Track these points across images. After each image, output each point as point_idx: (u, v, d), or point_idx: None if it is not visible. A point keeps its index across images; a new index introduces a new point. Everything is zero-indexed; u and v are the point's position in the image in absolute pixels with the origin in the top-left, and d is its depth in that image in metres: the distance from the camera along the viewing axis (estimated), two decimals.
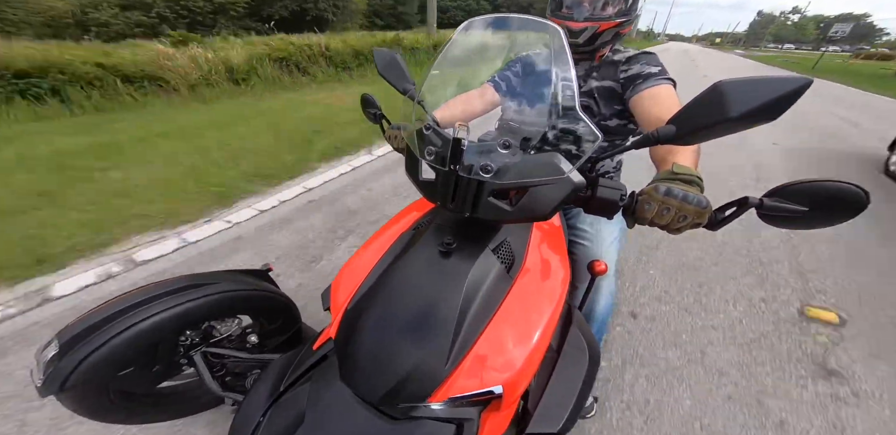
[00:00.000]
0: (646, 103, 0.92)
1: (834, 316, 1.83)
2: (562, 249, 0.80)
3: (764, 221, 0.55)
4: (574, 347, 0.74)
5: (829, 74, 15.70)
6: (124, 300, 0.80)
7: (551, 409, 0.64)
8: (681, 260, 2.23)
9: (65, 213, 2.41)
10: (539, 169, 0.55)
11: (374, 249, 0.76)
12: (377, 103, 0.95)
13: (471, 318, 0.58)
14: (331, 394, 0.58)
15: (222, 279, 0.94)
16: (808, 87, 0.41)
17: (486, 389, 0.54)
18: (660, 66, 0.98)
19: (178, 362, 0.94)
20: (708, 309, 1.85)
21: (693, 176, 0.59)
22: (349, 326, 0.62)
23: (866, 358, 1.59)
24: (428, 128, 0.62)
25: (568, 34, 0.96)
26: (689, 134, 0.49)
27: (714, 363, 1.54)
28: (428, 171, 0.63)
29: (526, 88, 0.94)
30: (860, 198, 0.47)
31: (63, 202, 2.55)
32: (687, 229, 0.57)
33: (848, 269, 2.22)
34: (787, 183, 0.51)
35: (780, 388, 1.44)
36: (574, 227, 1.11)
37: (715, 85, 0.45)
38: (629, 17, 0.96)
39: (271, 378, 0.67)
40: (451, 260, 0.63)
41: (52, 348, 0.73)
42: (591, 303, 0.98)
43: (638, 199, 0.59)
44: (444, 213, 0.75)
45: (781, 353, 1.61)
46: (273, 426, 0.57)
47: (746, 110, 0.43)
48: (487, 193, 0.56)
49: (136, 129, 4.16)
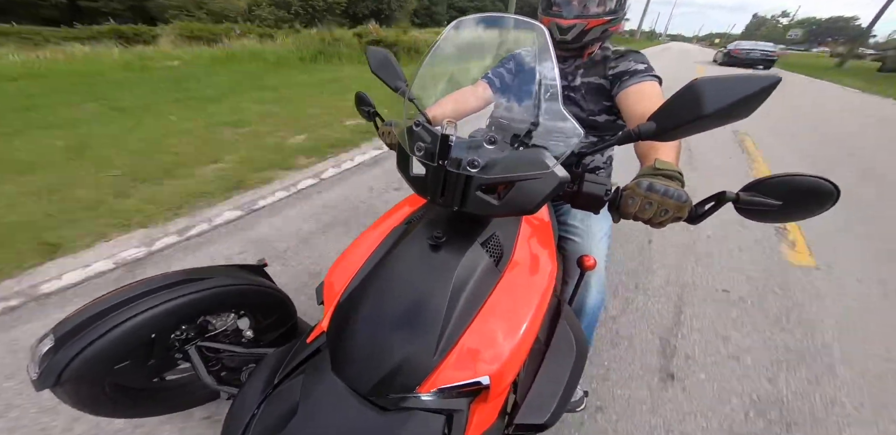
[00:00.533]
0: (631, 99, 0.94)
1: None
2: (550, 243, 0.82)
3: (741, 214, 0.57)
4: (562, 340, 0.75)
5: (788, 67, 19.29)
6: (121, 294, 0.81)
7: (539, 400, 0.65)
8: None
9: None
10: (524, 164, 0.56)
11: (366, 244, 0.77)
12: (371, 101, 0.96)
13: (459, 310, 0.59)
14: (323, 386, 0.60)
15: (218, 274, 0.95)
16: (777, 85, 0.43)
17: (473, 379, 0.56)
18: (646, 63, 1.01)
19: (173, 357, 0.95)
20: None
21: (674, 171, 0.61)
22: (341, 319, 0.63)
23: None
24: (418, 124, 0.63)
25: (557, 32, 0.98)
26: (669, 130, 0.51)
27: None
28: (419, 167, 0.65)
29: (515, 85, 0.96)
30: (831, 192, 0.49)
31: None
32: (668, 223, 0.59)
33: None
34: (762, 178, 0.53)
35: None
36: (564, 223, 1.13)
37: (691, 83, 0.47)
38: (617, 15, 0.97)
39: (266, 371, 0.68)
40: (440, 253, 0.64)
41: (47, 342, 0.74)
42: (580, 298, 1.00)
43: (622, 195, 0.61)
44: (434, 208, 0.77)
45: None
46: (267, 418, 0.59)
47: (720, 107, 0.45)
48: (475, 188, 0.57)
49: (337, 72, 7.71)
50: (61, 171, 2.77)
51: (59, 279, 1.76)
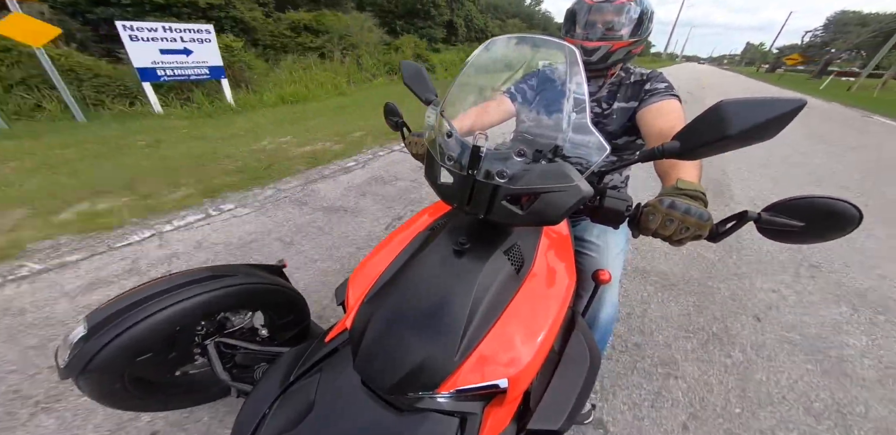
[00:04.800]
0: (652, 116, 0.97)
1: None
2: (569, 256, 0.83)
3: (762, 234, 0.58)
4: (576, 350, 0.76)
5: (763, 78, 27.91)
6: (150, 287, 0.84)
7: (552, 407, 0.66)
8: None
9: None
10: (550, 177, 0.59)
11: (390, 248, 0.79)
12: (399, 112, 1.00)
13: (480, 314, 0.61)
14: (342, 383, 0.61)
15: (240, 272, 0.98)
16: (803, 108, 0.45)
17: (492, 381, 0.57)
18: (667, 82, 1.04)
19: (192, 351, 0.97)
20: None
21: (697, 191, 0.63)
22: (365, 318, 0.65)
23: None
24: (449, 135, 0.66)
25: (582, 53, 1.01)
26: (692, 150, 0.53)
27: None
28: (446, 176, 0.67)
29: (541, 102, 0.99)
30: (853, 215, 0.50)
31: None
32: (688, 241, 0.60)
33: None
34: (784, 199, 0.54)
35: None
36: (582, 239, 1.14)
37: (717, 105, 0.49)
38: (640, 37, 1.01)
39: (282, 369, 0.69)
40: (464, 259, 0.66)
41: (80, 330, 0.77)
42: (594, 311, 1.01)
43: (643, 211, 0.63)
44: (458, 216, 0.79)
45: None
46: (281, 415, 0.60)
47: (745, 129, 0.47)
48: (501, 197, 0.59)
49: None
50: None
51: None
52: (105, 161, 3.43)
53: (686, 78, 17.96)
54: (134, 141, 4.05)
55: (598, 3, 0.98)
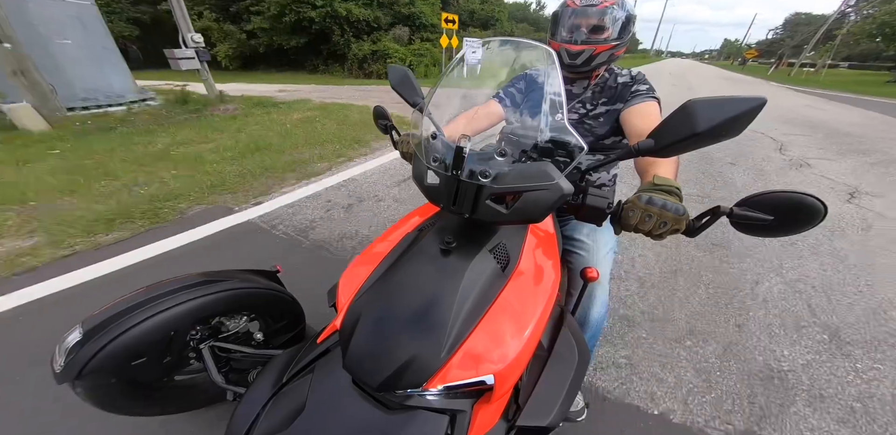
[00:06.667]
0: (633, 117, 1.01)
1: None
2: (554, 254, 0.85)
3: (735, 228, 0.60)
4: (564, 347, 0.77)
5: (732, 69, 38.87)
6: (145, 292, 0.85)
7: (541, 404, 0.67)
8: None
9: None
10: (532, 176, 0.60)
11: (379, 249, 0.81)
12: (388, 115, 1.02)
13: (466, 311, 0.62)
14: (332, 383, 0.62)
15: (234, 277, 0.99)
16: (764, 106, 0.47)
17: (478, 378, 0.58)
18: (648, 84, 1.08)
19: (187, 356, 0.98)
20: None
21: (672, 187, 0.65)
22: (354, 318, 0.66)
23: None
24: (434, 137, 0.68)
25: (567, 56, 1.04)
26: (666, 147, 0.55)
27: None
28: (433, 177, 0.69)
29: (525, 104, 1.01)
30: (819, 208, 0.52)
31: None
32: (667, 235, 0.62)
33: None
34: (754, 193, 0.56)
35: None
36: (571, 237, 1.15)
37: (685, 103, 0.51)
38: (622, 40, 1.03)
39: (275, 370, 0.70)
40: (450, 258, 0.68)
41: (75, 335, 0.78)
42: (584, 309, 1.02)
43: (623, 208, 0.65)
44: (445, 217, 0.80)
45: None
46: (274, 415, 0.61)
47: (712, 125, 0.49)
48: (485, 197, 0.61)
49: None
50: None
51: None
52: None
53: (675, 70, 27.26)
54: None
55: (581, 8, 1.01)
